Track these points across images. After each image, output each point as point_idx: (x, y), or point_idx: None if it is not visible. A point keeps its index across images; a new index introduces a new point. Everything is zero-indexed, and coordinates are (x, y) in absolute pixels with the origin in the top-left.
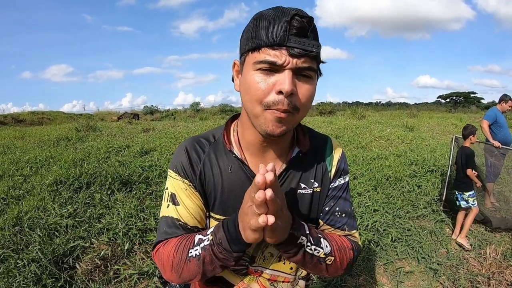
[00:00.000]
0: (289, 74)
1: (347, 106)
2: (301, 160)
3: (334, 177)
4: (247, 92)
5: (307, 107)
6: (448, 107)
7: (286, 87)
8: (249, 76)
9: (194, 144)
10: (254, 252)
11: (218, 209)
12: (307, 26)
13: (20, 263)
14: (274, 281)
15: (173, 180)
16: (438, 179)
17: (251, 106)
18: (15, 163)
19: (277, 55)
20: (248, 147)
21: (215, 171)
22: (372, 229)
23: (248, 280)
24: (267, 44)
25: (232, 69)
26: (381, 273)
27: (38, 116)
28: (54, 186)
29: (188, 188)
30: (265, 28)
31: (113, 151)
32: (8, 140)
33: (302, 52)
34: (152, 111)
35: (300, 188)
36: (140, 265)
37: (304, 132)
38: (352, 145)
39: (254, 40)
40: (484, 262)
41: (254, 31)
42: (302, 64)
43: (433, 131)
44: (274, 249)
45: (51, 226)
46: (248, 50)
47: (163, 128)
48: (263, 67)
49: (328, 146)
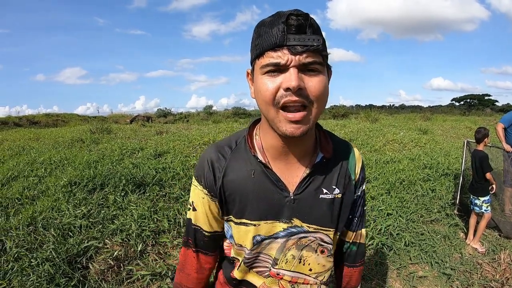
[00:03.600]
0: (294, 71)
1: (360, 109)
2: (325, 166)
3: (356, 186)
4: (259, 98)
5: (321, 99)
6: (462, 109)
7: (292, 83)
8: (258, 81)
9: (216, 153)
10: (277, 254)
11: (241, 214)
12: (304, 22)
13: (34, 262)
14: (294, 283)
15: (195, 188)
16: (452, 183)
17: (265, 109)
18: (30, 164)
19: (280, 55)
20: (270, 151)
21: (238, 177)
22: (385, 233)
23: (269, 282)
24: (268, 47)
25: (246, 78)
26: (394, 277)
27: (52, 118)
28: (69, 187)
29: (205, 197)
30: (265, 34)
31: (127, 153)
32: (23, 142)
33: (303, 48)
34: (165, 114)
35: (322, 193)
36: (153, 266)
37: (327, 137)
38: (366, 148)
39: (258, 47)
40: (498, 267)
41: (257, 39)
42: (306, 59)
43: (447, 134)
44: (296, 251)
45: (65, 226)
46: (255, 57)
47: (177, 130)
48: (269, 70)
49: (351, 154)
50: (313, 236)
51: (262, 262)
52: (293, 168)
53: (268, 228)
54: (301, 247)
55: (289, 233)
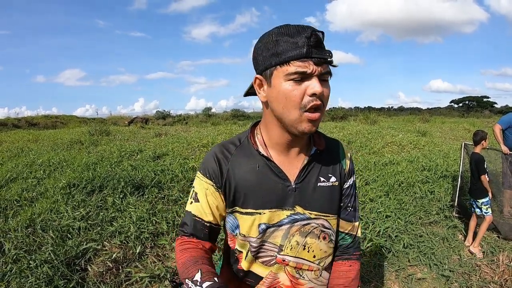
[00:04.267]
0: (316, 79)
1: (359, 111)
2: (319, 157)
3: (347, 176)
4: (282, 101)
5: (327, 103)
6: (461, 111)
7: (319, 89)
8: (282, 87)
9: (222, 149)
10: (282, 241)
11: (247, 203)
12: (322, 39)
13: (32, 263)
14: (299, 269)
15: (199, 181)
16: (451, 184)
17: (288, 112)
18: (29, 165)
19: (306, 66)
20: (274, 147)
21: (244, 170)
22: (384, 235)
23: (276, 269)
24: (295, 58)
25: (254, 84)
26: (393, 279)
27: (51, 119)
28: (67, 189)
29: (209, 188)
30: (289, 44)
31: (125, 155)
32: (22, 143)
33: (322, 60)
34: (164, 116)
35: (320, 181)
36: (152, 269)
37: (319, 134)
38: (364, 150)
39: (281, 56)
40: (497, 269)
41: (277, 48)
42: (323, 70)
43: (445, 136)
44: (300, 237)
45: (64, 228)
46: (276, 64)
47: (176, 132)
48: (295, 77)
49: (340, 149)
50: (315, 223)
51: (267, 251)
52: (293, 160)
53: (273, 216)
54: (305, 234)
55: (293, 220)
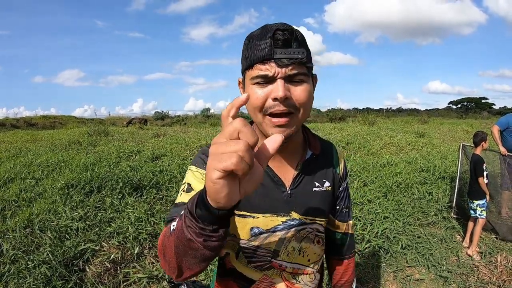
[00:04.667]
0: (281, 82)
1: (357, 112)
2: (315, 162)
3: (341, 179)
4: (249, 104)
5: (306, 106)
6: (459, 113)
7: (280, 93)
8: (248, 90)
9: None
10: (277, 246)
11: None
12: (289, 37)
13: (30, 264)
14: (296, 274)
15: (191, 173)
16: (449, 186)
17: (254, 115)
18: (27, 166)
19: (268, 68)
20: None
21: None
22: (382, 236)
23: (271, 274)
24: (257, 60)
25: (238, 86)
26: (391, 280)
27: (50, 120)
28: (66, 190)
29: (204, 177)
30: (254, 47)
31: (124, 156)
32: (21, 143)
33: (288, 61)
34: (163, 117)
35: (315, 186)
36: (150, 269)
37: (314, 137)
38: (363, 151)
39: (248, 59)
40: (494, 270)
41: (247, 51)
42: (291, 71)
43: (444, 137)
44: (296, 243)
45: (62, 228)
46: (245, 68)
47: (174, 133)
48: (258, 81)
49: (334, 152)
50: (310, 227)
51: (260, 256)
52: (287, 165)
53: (267, 221)
54: (300, 239)
55: (288, 226)
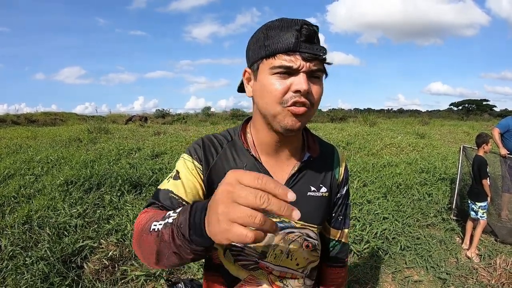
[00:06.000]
0: (303, 76)
1: (358, 113)
2: (312, 164)
3: (340, 186)
4: (265, 95)
5: (318, 102)
6: (460, 114)
7: (304, 86)
8: (266, 80)
9: (212, 138)
10: (264, 248)
11: None
12: (314, 34)
13: (28, 260)
14: (283, 278)
15: (183, 161)
16: (449, 187)
17: (270, 107)
18: (27, 162)
19: (292, 60)
20: (262, 148)
21: (230, 167)
22: (381, 237)
23: (258, 274)
24: (281, 51)
25: (243, 77)
26: (389, 281)
27: (50, 116)
28: (65, 186)
29: (194, 169)
30: (277, 37)
31: (124, 153)
32: (21, 140)
33: (312, 56)
34: (163, 115)
35: (310, 190)
36: (147, 267)
37: (314, 139)
38: (363, 152)
39: (268, 48)
40: (494, 272)
41: (266, 40)
42: (313, 67)
43: (444, 139)
44: (283, 246)
45: (61, 225)
46: (262, 57)
47: (174, 131)
48: (280, 71)
49: (335, 156)
50: (300, 232)
51: (248, 256)
52: (283, 165)
53: None
54: (288, 242)
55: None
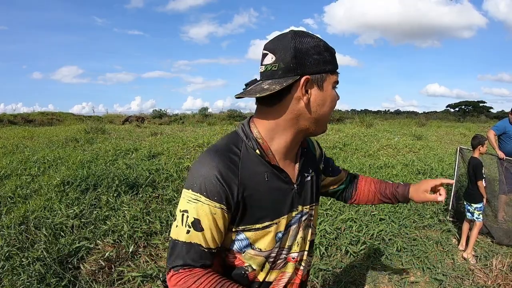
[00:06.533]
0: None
1: (355, 114)
2: (305, 155)
3: (319, 156)
4: (329, 104)
5: None
6: (457, 116)
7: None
8: (332, 92)
9: (226, 163)
10: (290, 241)
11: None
12: None
13: (25, 261)
14: (300, 260)
15: (198, 205)
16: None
17: (328, 114)
18: (24, 162)
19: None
20: (281, 151)
21: (253, 184)
22: (377, 238)
23: (286, 268)
24: (335, 69)
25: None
26: (386, 282)
27: (47, 116)
28: (61, 187)
29: (217, 213)
30: (333, 56)
31: (120, 154)
32: (18, 140)
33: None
34: (160, 115)
35: (305, 176)
36: (144, 268)
37: None
38: (360, 153)
39: (331, 64)
40: (490, 273)
41: (329, 57)
42: None
43: (441, 140)
44: (302, 233)
45: (57, 226)
46: (328, 71)
47: (171, 132)
48: (335, 86)
49: (310, 141)
50: (308, 214)
51: (280, 257)
52: (291, 162)
53: (286, 222)
54: (304, 228)
55: (297, 220)
